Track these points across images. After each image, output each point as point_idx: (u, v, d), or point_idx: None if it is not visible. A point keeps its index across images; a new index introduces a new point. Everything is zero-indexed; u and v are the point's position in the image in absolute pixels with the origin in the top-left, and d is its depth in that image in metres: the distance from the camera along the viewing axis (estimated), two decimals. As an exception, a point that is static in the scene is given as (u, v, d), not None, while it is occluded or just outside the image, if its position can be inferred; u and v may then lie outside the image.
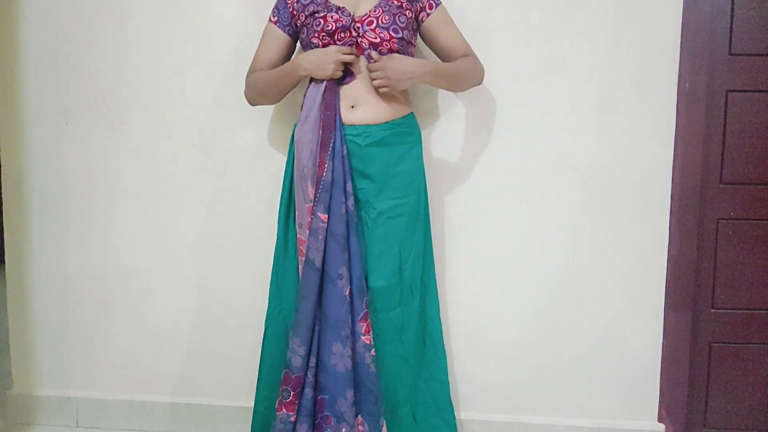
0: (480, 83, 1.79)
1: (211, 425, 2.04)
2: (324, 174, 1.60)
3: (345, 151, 1.63)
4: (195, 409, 2.04)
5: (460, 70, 1.72)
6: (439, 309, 1.83)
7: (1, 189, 2.07)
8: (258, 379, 1.80)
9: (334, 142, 1.61)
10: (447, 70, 1.71)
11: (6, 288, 2.10)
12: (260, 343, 1.86)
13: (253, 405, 1.88)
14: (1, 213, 2.09)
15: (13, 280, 2.09)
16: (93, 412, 2.07)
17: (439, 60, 1.79)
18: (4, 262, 2.09)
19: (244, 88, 1.79)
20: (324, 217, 1.60)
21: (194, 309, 2.04)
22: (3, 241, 2.08)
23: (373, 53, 1.62)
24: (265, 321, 1.79)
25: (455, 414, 1.87)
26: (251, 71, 1.77)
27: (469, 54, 1.74)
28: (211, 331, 2.04)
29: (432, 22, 1.71)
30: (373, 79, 1.62)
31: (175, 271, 2.03)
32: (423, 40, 1.78)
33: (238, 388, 2.03)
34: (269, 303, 1.79)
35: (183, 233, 2.01)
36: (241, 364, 2.01)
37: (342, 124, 1.64)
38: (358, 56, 1.64)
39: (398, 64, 1.60)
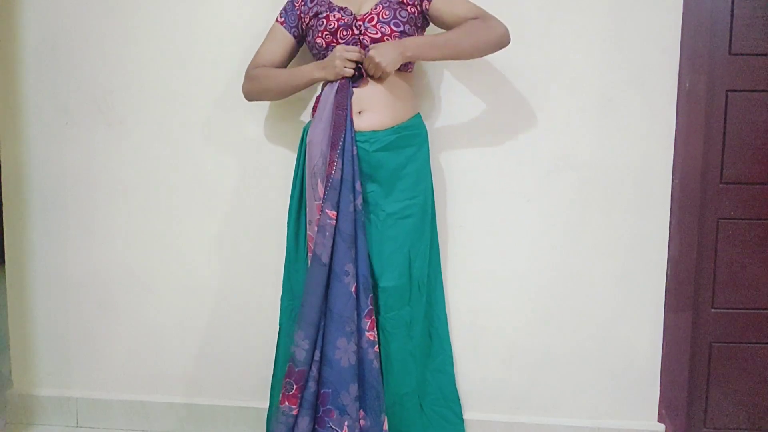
0: (501, 42, 1.65)
1: (212, 426, 2.04)
2: (333, 172, 1.60)
3: (355, 151, 1.63)
4: (195, 409, 2.04)
5: (458, 33, 1.63)
6: (444, 304, 1.87)
7: (1, 189, 2.07)
8: (273, 375, 1.83)
9: (344, 141, 1.61)
10: (441, 36, 1.65)
11: (6, 288, 2.10)
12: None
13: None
14: (1, 213, 2.09)
15: (13, 280, 2.09)
16: (93, 412, 2.07)
17: None
18: (4, 262, 2.09)
19: (242, 82, 1.79)
20: (332, 214, 1.61)
21: (195, 308, 2.03)
22: (3, 241, 2.07)
23: (363, 51, 1.62)
24: (279, 318, 1.81)
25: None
26: (254, 66, 1.77)
27: (478, 16, 1.65)
28: (212, 331, 2.04)
29: (435, 7, 1.69)
30: (370, 75, 1.63)
31: (176, 270, 2.03)
32: (438, 27, 1.74)
33: (239, 388, 2.03)
34: (282, 301, 1.81)
35: (184, 232, 2.01)
36: (242, 364, 2.01)
37: (353, 124, 1.64)
38: (364, 55, 1.63)
39: (380, 46, 1.60)
